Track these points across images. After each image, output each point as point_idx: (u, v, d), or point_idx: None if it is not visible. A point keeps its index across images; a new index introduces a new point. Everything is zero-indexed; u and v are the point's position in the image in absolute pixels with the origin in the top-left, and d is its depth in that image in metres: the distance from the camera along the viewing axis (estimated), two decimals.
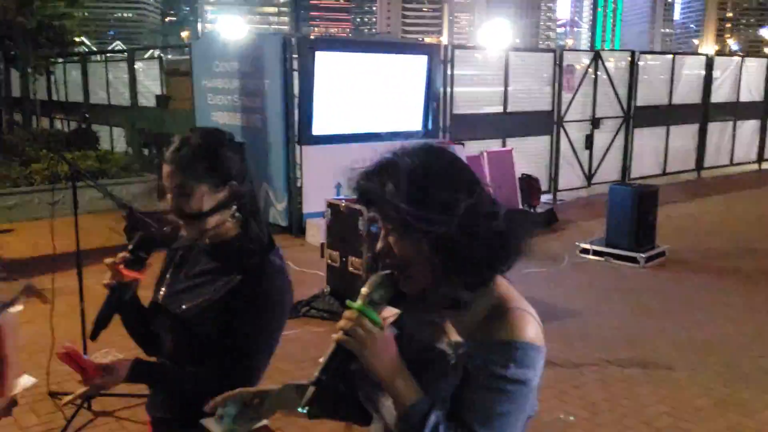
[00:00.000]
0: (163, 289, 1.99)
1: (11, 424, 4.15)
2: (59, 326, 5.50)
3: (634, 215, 7.56)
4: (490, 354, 1.27)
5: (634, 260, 7.50)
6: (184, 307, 1.89)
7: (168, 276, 2.02)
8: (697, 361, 4.93)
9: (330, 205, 6.13)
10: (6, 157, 10.92)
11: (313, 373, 1.28)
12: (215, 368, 1.82)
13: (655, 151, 13.41)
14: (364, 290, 1.32)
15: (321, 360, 1.30)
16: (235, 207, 1.89)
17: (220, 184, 1.86)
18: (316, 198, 7.66)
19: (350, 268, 5.86)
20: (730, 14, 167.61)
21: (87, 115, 14.53)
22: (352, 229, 5.77)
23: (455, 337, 1.34)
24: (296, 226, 8.69)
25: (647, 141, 13.13)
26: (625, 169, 12.81)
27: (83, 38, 19.13)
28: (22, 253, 7.58)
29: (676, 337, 5.41)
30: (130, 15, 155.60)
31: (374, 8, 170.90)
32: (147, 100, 12.92)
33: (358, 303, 1.29)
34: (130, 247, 1.92)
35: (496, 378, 1.26)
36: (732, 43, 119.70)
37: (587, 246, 7.88)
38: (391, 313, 1.38)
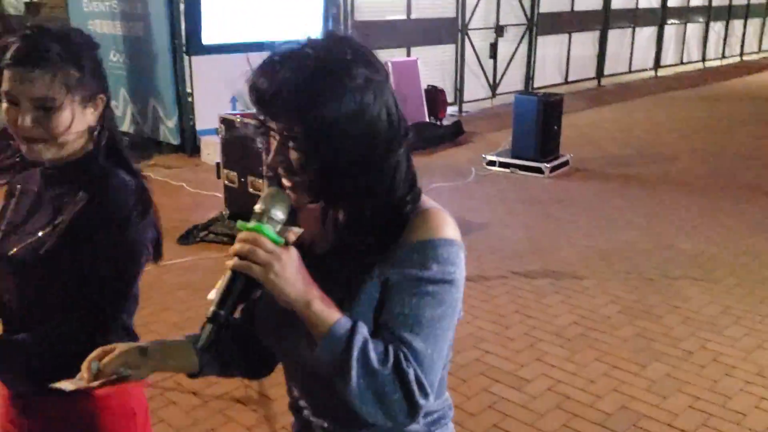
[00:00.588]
0: None
1: None
2: None
3: (539, 125, 7.48)
4: (408, 258, 1.15)
5: (539, 171, 7.47)
6: (15, 249, 1.52)
7: (6, 216, 1.62)
8: (604, 269, 4.95)
9: (224, 120, 5.68)
10: None
11: (209, 308, 1.10)
12: (72, 322, 1.47)
13: (557, 60, 13.42)
14: (258, 207, 1.13)
15: (214, 292, 1.12)
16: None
17: (90, 97, 1.51)
18: (210, 113, 7.18)
19: (250, 189, 5.51)
20: None
21: None
22: (250, 147, 5.38)
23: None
24: (190, 145, 8.15)
25: (550, 50, 13.10)
26: (529, 78, 12.77)
27: None
28: None
29: (582, 245, 5.43)
30: None
31: None
32: (14, 8, 11.73)
33: (253, 222, 1.11)
34: None
35: (419, 281, 1.14)
36: None
37: (493, 158, 7.80)
38: (293, 233, 1.16)
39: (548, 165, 7.47)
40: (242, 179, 5.58)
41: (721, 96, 13.39)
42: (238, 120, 5.55)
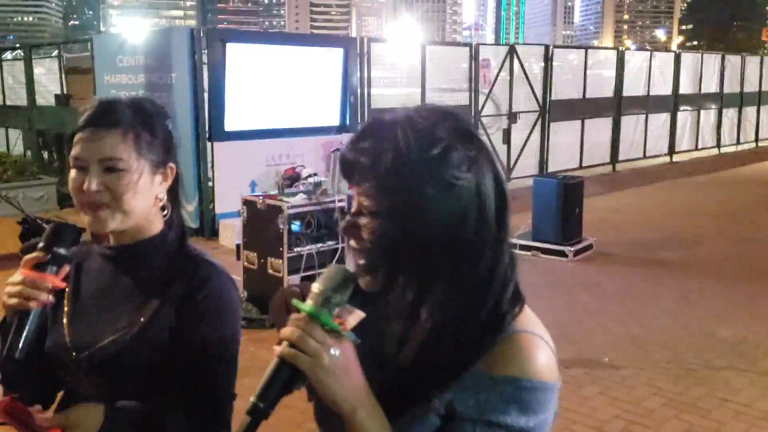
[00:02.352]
0: (65, 321, 1.45)
1: None
2: None
3: (560, 207, 7.41)
4: (484, 393, 0.97)
5: (562, 254, 7.34)
6: (100, 344, 1.39)
7: (66, 299, 1.47)
8: (641, 358, 4.73)
9: (246, 202, 5.66)
10: None
11: (249, 398, 0.96)
12: (185, 412, 1.37)
13: (571, 145, 13.52)
14: (316, 287, 0.99)
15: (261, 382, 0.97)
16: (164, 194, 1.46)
17: (159, 164, 1.43)
18: (229, 197, 7.23)
19: (269, 270, 5.42)
20: (626, 16, 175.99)
21: None
22: (270, 228, 5.32)
23: None
24: (208, 228, 8.16)
25: (563, 135, 13.23)
26: (543, 163, 12.84)
27: None
28: None
29: (614, 332, 5.22)
30: (31, 19, 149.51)
31: (282, 12, 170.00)
32: (45, 99, 12.10)
33: (309, 304, 0.97)
34: (42, 242, 1.38)
35: (496, 426, 0.97)
36: (630, 44, 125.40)
37: (513, 240, 7.69)
38: (354, 317, 1.01)
39: (572, 248, 7.34)
40: (261, 260, 5.51)
41: (738, 181, 13.37)
42: (260, 201, 5.53)
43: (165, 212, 1.46)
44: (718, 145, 17.82)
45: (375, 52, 10.15)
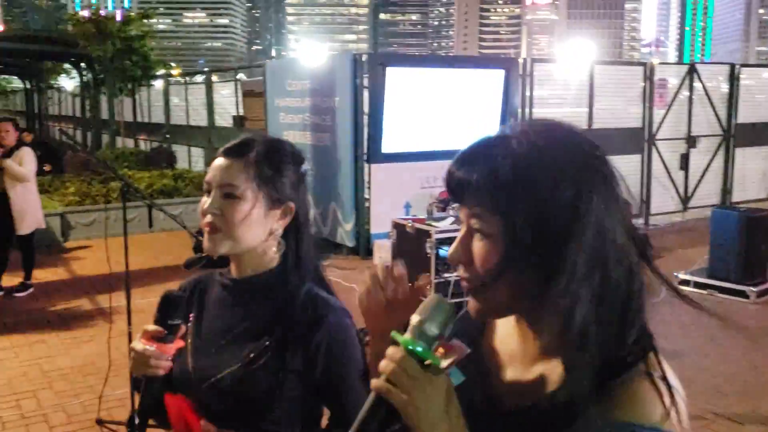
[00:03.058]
0: (189, 350, 1.53)
1: None
2: (117, 347, 5.27)
3: (742, 243, 6.68)
4: None
5: (743, 294, 6.61)
6: (228, 371, 1.45)
7: (190, 330, 1.55)
8: None
9: (396, 225, 5.66)
10: (87, 176, 11.08)
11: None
12: None
13: (760, 173, 12.29)
14: (414, 317, 0.93)
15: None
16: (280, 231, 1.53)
17: (275, 202, 1.50)
18: (384, 218, 7.29)
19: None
20: None
21: (167, 135, 14.79)
22: (418, 251, 5.27)
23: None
24: (364, 248, 8.31)
25: (751, 162, 12.05)
26: (726, 192, 11.78)
27: (170, 66, 19.74)
28: (95, 270, 7.62)
29: None
30: (219, 44, 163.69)
31: (451, 33, 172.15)
32: (224, 120, 13.05)
33: (406, 336, 0.91)
34: (157, 321, 1.49)
35: None
36: None
37: (686, 277, 7.04)
38: (457, 352, 0.94)
39: (755, 289, 6.58)
40: (410, 282, 5.44)
41: None
42: (409, 225, 5.50)
43: (279, 248, 1.51)
44: None
45: (540, 71, 9.85)
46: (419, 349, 0.88)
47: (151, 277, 7.43)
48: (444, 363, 0.90)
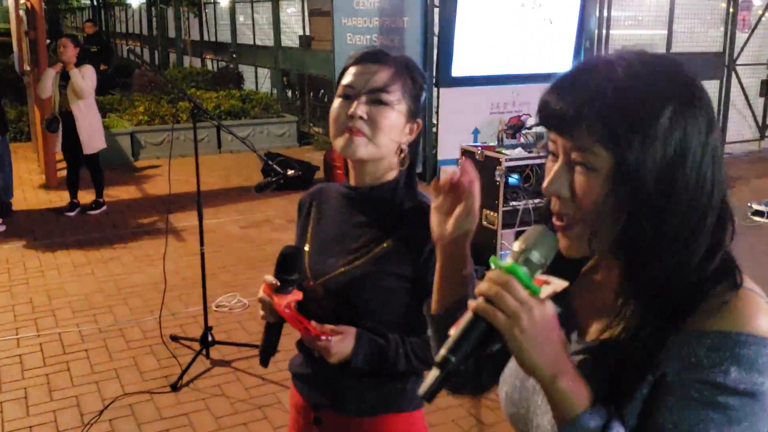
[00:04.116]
0: (307, 250, 1.63)
1: (131, 366, 4.14)
2: (189, 266, 5.54)
3: None
4: (700, 350, 0.86)
5: None
6: (343, 269, 1.54)
7: (309, 233, 1.65)
8: None
9: (464, 151, 5.65)
10: (156, 96, 11.24)
11: (440, 351, 0.91)
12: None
13: None
14: (517, 245, 0.92)
15: (451, 333, 0.91)
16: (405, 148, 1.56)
17: (413, 115, 1.54)
18: (452, 143, 7.27)
19: (484, 222, 5.40)
20: None
21: (234, 55, 14.82)
22: (488, 180, 5.27)
23: None
24: (430, 173, 8.31)
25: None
26: None
27: None
28: (166, 189, 7.72)
29: None
30: None
31: None
32: (291, 40, 12.94)
33: (509, 261, 0.90)
34: (275, 274, 1.57)
35: (710, 386, 0.85)
36: None
37: (762, 208, 6.87)
38: (554, 284, 0.96)
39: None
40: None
41: None
42: (479, 152, 5.48)
43: (404, 163, 1.55)
44: None
45: None
46: (521, 273, 0.89)
47: (221, 198, 7.66)
48: (543, 293, 0.91)
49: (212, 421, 3.60)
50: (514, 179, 5.24)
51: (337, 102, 1.52)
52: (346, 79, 1.52)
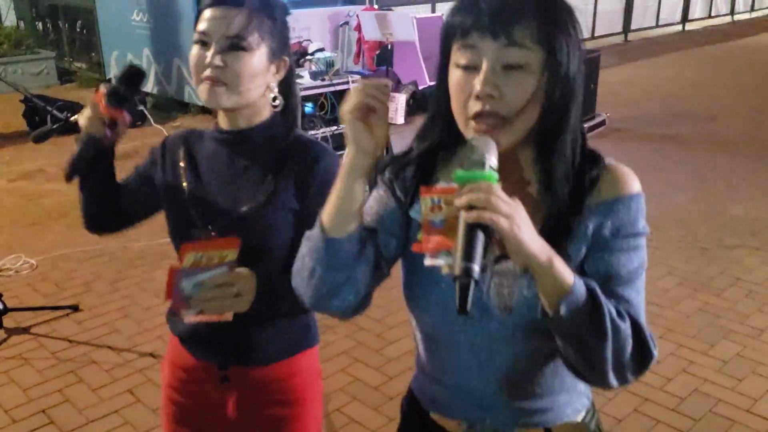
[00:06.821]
0: (186, 197, 1.55)
1: None
2: None
3: None
4: (622, 212, 1.10)
5: None
6: (244, 208, 1.48)
7: (185, 180, 1.55)
8: (656, 237, 4.76)
9: None
10: None
11: (454, 269, 0.91)
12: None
13: (583, 14, 13.01)
14: (474, 155, 0.98)
15: (457, 249, 0.92)
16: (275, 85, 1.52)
17: (276, 54, 1.48)
18: None
19: None
20: None
21: None
22: None
23: None
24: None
25: (575, 2, 12.62)
26: None
27: None
28: None
29: None
30: None
31: None
32: None
33: (486, 171, 0.96)
34: (116, 78, 1.54)
35: (634, 237, 1.11)
36: None
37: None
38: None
39: (585, 125, 7.22)
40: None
41: (752, 51, 13.00)
42: None
43: (276, 103, 1.51)
44: (732, 13, 17.19)
45: None
46: (496, 181, 0.94)
47: None
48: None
49: (20, 394, 3.30)
50: (309, 108, 5.24)
51: (194, 49, 1.47)
52: (201, 25, 1.45)
